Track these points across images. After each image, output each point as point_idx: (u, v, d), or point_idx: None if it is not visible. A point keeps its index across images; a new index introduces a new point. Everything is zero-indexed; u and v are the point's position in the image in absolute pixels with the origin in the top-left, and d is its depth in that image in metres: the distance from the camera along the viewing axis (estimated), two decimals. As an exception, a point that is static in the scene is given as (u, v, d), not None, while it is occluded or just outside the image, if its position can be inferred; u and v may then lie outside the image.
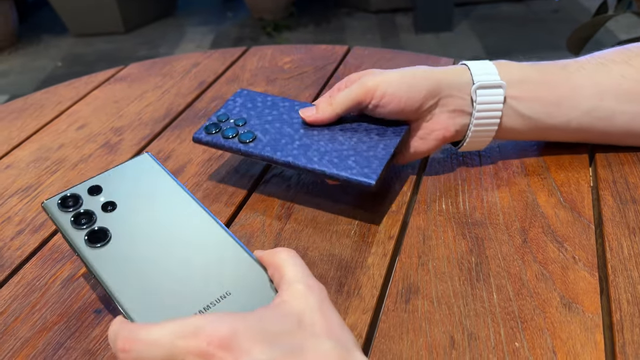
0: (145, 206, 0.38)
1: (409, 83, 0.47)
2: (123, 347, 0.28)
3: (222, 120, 0.51)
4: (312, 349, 0.27)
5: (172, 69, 0.76)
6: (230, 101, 0.53)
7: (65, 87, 0.74)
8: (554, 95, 0.49)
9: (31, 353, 0.38)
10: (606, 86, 0.48)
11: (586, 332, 0.36)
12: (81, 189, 0.38)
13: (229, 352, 0.26)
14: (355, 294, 0.40)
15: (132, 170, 0.40)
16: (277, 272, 0.32)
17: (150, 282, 0.33)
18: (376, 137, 0.49)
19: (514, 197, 0.48)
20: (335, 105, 0.48)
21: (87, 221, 0.36)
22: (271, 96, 0.54)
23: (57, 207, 0.37)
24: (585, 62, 0.50)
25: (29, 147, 0.61)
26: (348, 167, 0.45)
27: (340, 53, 0.79)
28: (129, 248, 0.35)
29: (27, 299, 0.42)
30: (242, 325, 0.27)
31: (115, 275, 0.34)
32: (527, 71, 0.49)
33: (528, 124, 0.50)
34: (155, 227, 0.36)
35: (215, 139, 0.49)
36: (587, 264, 0.41)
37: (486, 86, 0.48)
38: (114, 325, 0.30)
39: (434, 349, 0.36)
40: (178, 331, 0.27)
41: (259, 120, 0.50)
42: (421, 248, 0.44)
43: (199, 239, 0.36)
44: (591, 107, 0.49)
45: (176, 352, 0.27)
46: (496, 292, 0.40)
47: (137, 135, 0.62)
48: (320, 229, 0.47)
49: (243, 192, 0.52)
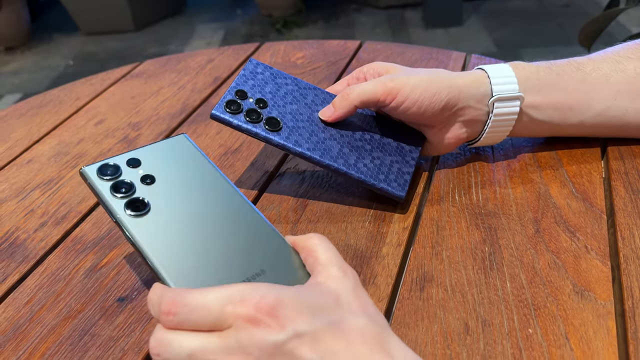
0: (183, 183, 0.38)
1: (433, 91, 0.47)
2: (169, 309, 0.29)
3: (241, 97, 0.47)
4: (349, 323, 0.28)
5: (187, 66, 0.78)
6: (242, 76, 0.49)
7: (82, 84, 0.76)
8: (569, 100, 0.49)
9: (57, 340, 0.39)
10: (621, 86, 0.49)
11: (598, 319, 0.37)
12: (120, 160, 0.38)
13: (275, 319, 0.27)
14: (371, 283, 0.41)
15: (169, 148, 0.40)
16: (310, 256, 0.33)
17: (187, 253, 0.34)
18: (400, 146, 0.50)
19: (526, 189, 0.49)
20: (351, 100, 0.47)
21: (126, 190, 0.36)
22: (284, 73, 0.52)
23: (96, 174, 0.37)
24: (601, 61, 0.50)
25: (49, 142, 0.63)
26: (382, 178, 0.47)
27: (353, 48, 0.80)
28: (168, 220, 0.35)
29: (52, 288, 0.44)
30: (287, 296, 0.28)
31: (154, 244, 0.34)
32: (544, 75, 0.49)
33: (541, 126, 0.51)
34: (193, 203, 0.37)
35: (237, 120, 0.46)
36: (599, 252, 0.42)
37: (504, 99, 0.48)
38: (156, 289, 0.30)
39: (449, 335, 0.37)
40: (227, 296, 0.28)
41: (280, 103, 0.48)
42: (435, 238, 0.45)
43: (235, 218, 0.37)
44: (605, 108, 0.49)
45: (224, 317, 0.28)
46: (509, 281, 0.40)
47: (154, 131, 0.63)
48: (335, 220, 0.48)
49: (258, 185, 0.53)
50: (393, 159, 0.48)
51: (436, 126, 0.49)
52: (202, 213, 0.37)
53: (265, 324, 0.27)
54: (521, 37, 2.61)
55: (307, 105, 0.50)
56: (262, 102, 0.48)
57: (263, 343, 0.27)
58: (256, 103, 0.48)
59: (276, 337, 0.27)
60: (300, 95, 0.50)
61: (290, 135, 0.47)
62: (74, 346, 0.39)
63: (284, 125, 0.47)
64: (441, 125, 0.49)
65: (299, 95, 0.50)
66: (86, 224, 0.50)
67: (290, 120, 0.48)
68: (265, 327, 0.27)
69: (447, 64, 0.73)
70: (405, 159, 0.49)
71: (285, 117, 0.48)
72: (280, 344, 0.27)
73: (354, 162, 0.47)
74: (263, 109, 0.47)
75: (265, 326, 0.27)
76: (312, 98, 0.51)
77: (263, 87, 0.49)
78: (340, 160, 0.46)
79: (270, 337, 0.27)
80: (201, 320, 0.28)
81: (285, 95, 0.50)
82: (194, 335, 0.28)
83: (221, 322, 0.28)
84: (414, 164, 0.49)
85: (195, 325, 0.29)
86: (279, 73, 0.52)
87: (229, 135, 0.61)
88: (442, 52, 0.76)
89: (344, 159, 0.47)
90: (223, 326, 0.28)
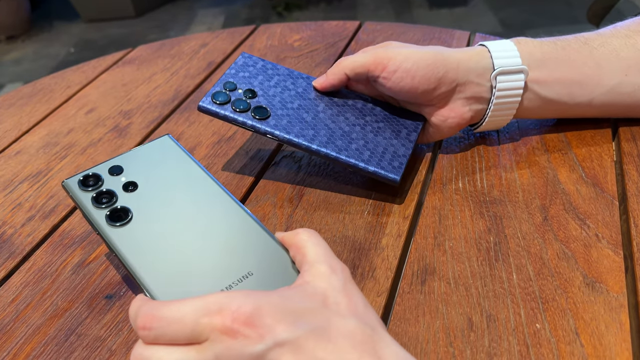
0: (167, 187, 0.37)
1: (427, 62, 0.45)
2: (144, 324, 0.27)
3: (230, 89, 0.46)
4: (337, 327, 0.26)
5: (181, 50, 0.75)
6: (232, 68, 0.49)
7: (73, 72, 0.74)
8: (577, 75, 0.46)
9: (43, 340, 0.38)
10: (632, 60, 0.46)
11: (610, 313, 0.35)
12: (102, 169, 0.38)
13: (254, 329, 0.25)
14: (370, 276, 0.39)
15: (153, 152, 0.40)
16: (298, 253, 0.31)
17: (172, 261, 0.33)
18: (396, 129, 0.47)
19: (533, 174, 0.47)
20: (342, 67, 0.47)
21: (108, 200, 0.36)
22: (277, 65, 0.51)
23: (78, 186, 0.37)
24: (609, 36, 0.47)
25: (39, 132, 0.61)
26: (375, 161, 0.44)
27: (352, 29, 0.77)
28: (151, 227, 0.35)
29: (38, 286, 0.42)
30: (267, 303, 0.27)
31: (137, 253, 0.33)
32: (548, 50, 0.47)
33: (549, 105, 0.48)
34: (177, 208, 0.36)
35: (225, 111, 0.45)
36: (611, 241, 0.40)
37: (507, 72, 0.45)
38: (135, 302, 0.29)
39: (451, 331, 0.35)
40: (202, 308, 0.27)
41: (270, 93, 0.47)
42: (437, 228, 0.43)
43: (221, 219, 0.36)
44: (615, 84, 0.46)
45: (200, 329, 0.26)
46: (516, 272, 0.38)
47: (146, 119, 0.61)
48: (332, 210, 0.46)
49: (253, 175, 0.51)
50: (388, 142, 0.46)
51: (436, 104, 0.47)
52: (187, 217, 0.36)
53: (242, 335, 0.25)
54: (528, 17, 2.56)
55: (298, 93, 0.48)
56: (251, 93, 0.47)
57: (241, 355, 0.25)
58: (244, 94, 0.46)
59: (254, 349, 0.25)
60: (291, 84, 0.49)
61: (278, 122, 0.45)
62: (60, 346, 0.37)
63: (272, 114, 0.45)
64: (441, 103, 0.47)
65: (291, 84, 0.49)
66: (75, 217, 0.48)
67: (280, 108, 0.46)
68: (242, 339, 0.25)
69: (450, 43, 0.70)
70: (402, 142, 0.46)
71: (274, 106, 0.46)
72: (259, 355, 0.25)
73: (345, 146, 0.45)
74: (251, 98, 0.46)
75: (242, 337, 0.25)
76: (304, 87, 0.49)
77: (253, 79, 0.48)
78: (331, 146, 0.44)
79: (248, 349, 0.25)
80: (177, 334, 0.27)
81: (276, 85, 0.48)
82: (172, 350, 0.27)
83: (197, 335, 0.26)
84: (412, 146, 0.47)
85: (172, 340, 0.27)
86: (272, 64, 0.50)
87: (222, 123, 0.59)
88: (444, 32, 0.73)
89: (334, 143, 0.45)
90: (200, 339, 0.26)
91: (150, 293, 0.31)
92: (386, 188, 0.47)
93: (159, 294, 0.31)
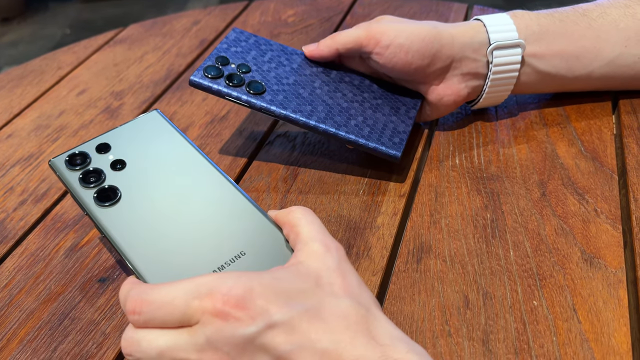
0: (156, 164, 0.36)
1: (421, 37, 0.43)
2: (134, 308, 0.27)
3: (222, 63, 0.45)
4: (330, 307, 0.26)
5: (172, 29, 0.74)
6: (224, 43, 0.47)
7: (64, 52, 0.72)
8: (575, 48, 0.45)
9: (37, 324, 0.37)
10: (631, 31, 0.45)
11: (609, 288, 0.34)
12: (89, 147, 0.37)
13: (246, 312, 0.25)
14: (365, 255, 0.39)
15: (141, 128, 0.38)
16: (292, 232, 0.31)
17: (162, 241, 0.32)
18: (395, 106, 0.46)
19: (531, 149, 0.46)
20: (334, 41, 0.46)
21: (95, 179, 0.35)
22: (270, 41, 0.49)
23: (65, 165, 0.36)
24: (608, 6, 0.46)
25: (30, 115, 0.60)
26: (376, 137, 0.43)
27: (347, 3, 0.75)
28: (140, 207, 0.34)
29: (31, 270, 0.42)
30: (258, 284, 0.26)
31: (126, 234, 0.32)
32: (546, 22, 0.45)
33: (547, 79, 0.47)
34: (167, 186, 0.35)
35: (218, 85, 0.43)
36: (610, 216, 0.39)
37: (503, 46, 0.44)
38: (125, 286, 0.29)
39: (447, 310, 0.34)
40: (193, 290, 0.26)
41: (264, 68, 0.46)
42: (433, 205, 0.42)
43: (212, 197, 0.35)
44: (615, 56, 0.45)
45: (190, 312, 0.26)
46: (513, 249, 0.38)
47: (137, 99, 0.60)
48: (327, 189, 0.45)
49: (247, 154, 0.50)
50: (388, 119, 0.45)
51: (431, 82, 0.46)
52: (177, 197, 0.35)
53: (234, 317, 0.25)
54: (529, -12, 2.51)
55: (293, 69, 0.47)
56: (245, 67, 0.45)
57: (232, 338, 0.25)
58: (238, 68, 0.45)
59: (246, 331, 0.25)
60: (286, 60, 0.47)
61: (274, 98, 0.44)
62: (54, 331, 0.37)
63: (268, 89, 0.44)
64: (437, 80, 0.46)
65: (285, 60, 0.47)
66: (67, 200, 0.48)
67: (275, 83, 0.45)
68: (234, 321, 0.25)
69: (448, 16, 0.69)
70: (401, 118, 0.46)
71: (269, 81, 0.45)
72: (251, 337, 0.25)
73: (344, 122, 0.44)
74: (245, 73, 0.45)
75: (234, 320, 0.25)
76: (299, 63, 0.48)
77: (246, 54, 0.47)
78: (329, 122, 0.43)
79: (240, 331, 0.25)
80: (168, 318, 0.26)
81: (270, 60, 0.47)
82: (163, 333, 0.26)
83: (188, 318, 0.26)
84: (412, 123, 0.46)
85: (162, 323, 0.26)
86: (265, 40, 0.49)
87: (215, 102, 0.58)
88: (442, 4, 0.71)
89: (332, 119, 0.44)
90: (191, 322, 0.26)
91: (141, 275, 0.31)
92: (382, 166, 0.46)
93: (149, 276, 0.31)
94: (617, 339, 0.32)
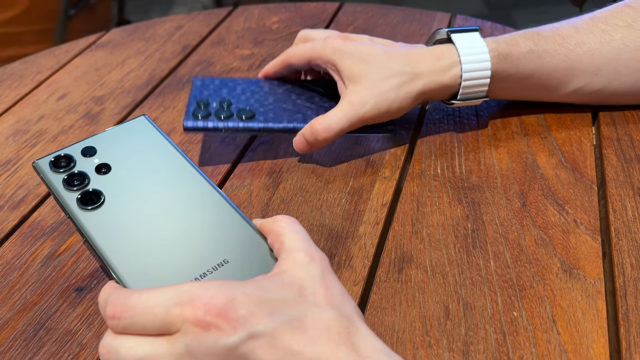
0: (141, 169, 0.36)
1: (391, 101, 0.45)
2: (113, 314, 0.26)
3: (205, 105, 0.48)
4: (313, 318, 0.26)
5: (155, 33, 0.73)
6: (194, 90, 0.50)
7: (45, 56, 0.71)
8: (546, 81, 0.47)
9: (11, 335, 0.36)
10: (604, 59, 0.46)
11: (588, 299, 0.35)
12: (75, 150, 0.36)
13: (227, 321, 0.25)
14: (346, 265, 0.39)
15: (128, 133, 0.38)
16: (276, 241, 0.31)
17: (145, 247, 0.32)
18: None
19: (512, 159, 0.46)
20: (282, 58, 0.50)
21: (79, 182, 0.34)
22: (234, 78, 0.52)
23: (49, 167, 0.35)
24: (586, 32, 0.46)
25: (8, 119, 0.59)
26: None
27: (332, 10, 0.75)
28: (124, 212, 0.33)
29: (7, 279, 0.41)
30: (241, 294, 0.26)
31: (108, 238, 0.32)
32: (524, 62, 0.46)
33: (517, 95, 0.51)
34: (151, 191, 0.35)
35: (212, 122, 0.46)
36: (589, 227, 0.39)
37: (474, 85, 0.46)
38: (105, 290, 0.28)
39: (428, 320, 0.34)
40: (174, 298, 0.26)
41: (242, 98, 0.49)
42: (415, 215, 0.42)
43: (196, 204, 0.34)
44: (584, 84, 0.47)
45: (171, 320, 0.25)
46: (493, 259, 0.38)
47: (118, 104, 0.59)
48: (309, 198, 0.45)
49: (229, 162, 0.50)
50: None
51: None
52: (161, 203, 0.34)
53: (215, 327, 0.25)
54: (512, -4, 2.54)
55: (266, 92, 0.50)
56: (226, 102, 0.48)
57: (213, 348, 0.24)
58: (220, 104, 0.48)
59: (227, 341, 0.24)
60: (256, 87, 0.51)
61: (266, 117, 0.47)
62: (29, 342, 0.36)
63: (257, 113, 0.47)
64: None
65: (255, 87, 0.51)
66: (45, 207, 0.47)
67: (260, 107, 0.48)
68: (215, 330, 0.24)
69: (431, 25, 0.69)
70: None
71: (253, 106, 0.48)
72: (232, 347, 0.24)
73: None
74: (229, 107, 0.48)
75: (215, 329, 0.25)
76: (268, 86, 0.51)
77: (219, 92, 0.50)
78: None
79: (221, 341, 0.24)
80: (147, 325, 0.26)
81: (243, 92, 0.50)
82: (143, 341, 0.26)
83: (169, 326, 0.26)
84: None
85: (142, 330, 0.26)
86: (228, 78, 0.52)
87: (198, 108, 0.57)
88: (425, 14, 0.72)
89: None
90: (171, 330, 0.26)
91: (121, 280, 0.30)
92: (364, 174, 0.46)
93: (130, 282, 0.30)
94: (596, 350, 0.32)
